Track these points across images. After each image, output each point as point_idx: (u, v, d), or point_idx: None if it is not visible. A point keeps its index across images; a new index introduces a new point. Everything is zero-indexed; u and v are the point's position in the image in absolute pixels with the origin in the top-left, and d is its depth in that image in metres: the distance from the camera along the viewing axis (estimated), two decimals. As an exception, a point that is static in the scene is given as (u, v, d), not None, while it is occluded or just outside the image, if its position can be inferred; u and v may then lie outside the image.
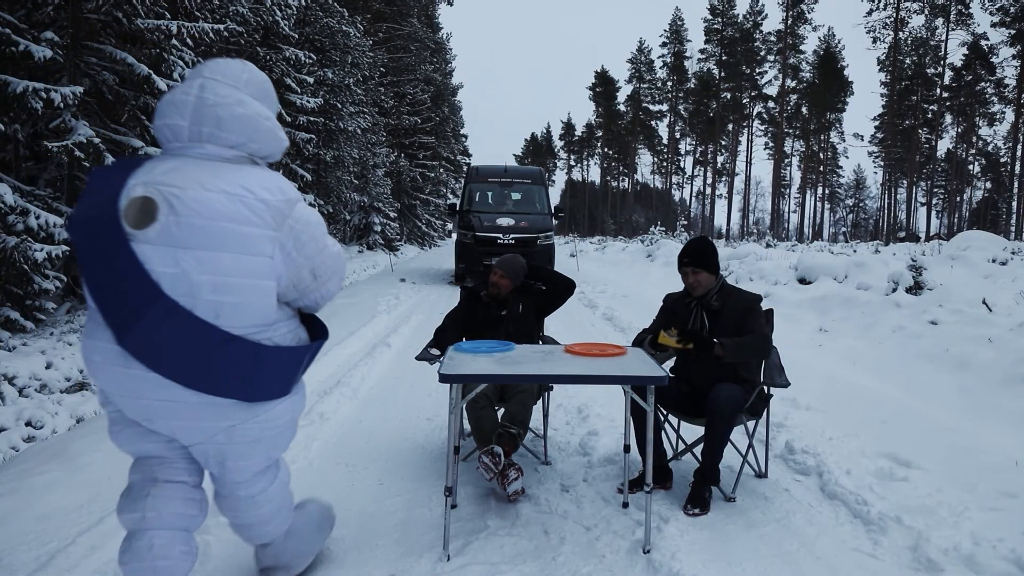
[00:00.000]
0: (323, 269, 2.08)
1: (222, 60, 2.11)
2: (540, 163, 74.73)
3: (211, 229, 1.86)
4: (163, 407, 1.95)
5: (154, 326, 1.83)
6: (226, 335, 1.90)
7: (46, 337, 6.73)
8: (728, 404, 3.15)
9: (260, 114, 2.06)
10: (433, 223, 34.11)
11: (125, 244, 1.83)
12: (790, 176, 69.14)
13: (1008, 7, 44.89)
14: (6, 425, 5.02)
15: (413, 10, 28.98)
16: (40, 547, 2.70)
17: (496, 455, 3.12)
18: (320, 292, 2.13)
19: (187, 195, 1.87)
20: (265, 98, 2.14)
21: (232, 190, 1.91)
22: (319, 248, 2.05)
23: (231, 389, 1.97)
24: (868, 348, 6.67)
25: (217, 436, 2.03)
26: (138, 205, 1.86)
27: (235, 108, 1.99)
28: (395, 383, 5.65)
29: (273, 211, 1.95)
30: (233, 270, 1.90)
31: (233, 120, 1.98)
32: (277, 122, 2.15)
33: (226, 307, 1.90)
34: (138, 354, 1.87)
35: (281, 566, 2.47)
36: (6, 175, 7.15)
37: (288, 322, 2.11)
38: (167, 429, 2.02)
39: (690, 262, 3.43)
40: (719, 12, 60.89)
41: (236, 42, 11.68)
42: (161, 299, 1.83)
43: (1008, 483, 3.36)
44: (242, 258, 1.91)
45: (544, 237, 13.23)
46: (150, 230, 1.84)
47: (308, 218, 2.03)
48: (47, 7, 7.60)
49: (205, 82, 2.00)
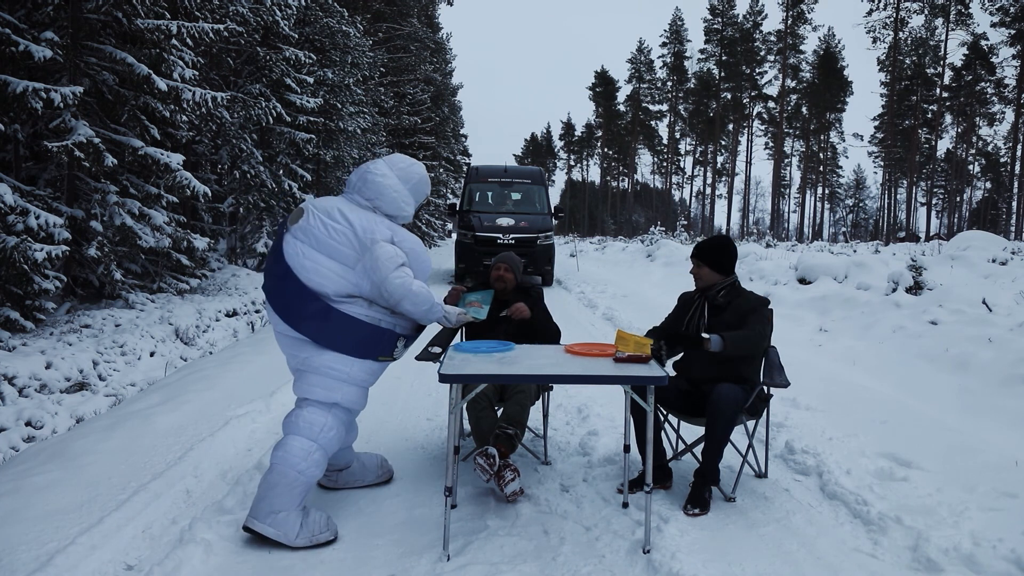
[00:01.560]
0: (388, 290, 2.90)
1: (399, 155, 3.23)
2: (540, 163, 74.71)
3: (318, 236, 2.93)
4: (279, 337, 3.07)
5: (278, 279, 2.95)
6: (313, 294, 2.90)
7: (46, 337, 6.72)
8: (728, 404, 3.15)
9: (392, 186, 3.09)
10: (433, 223, 34.10)
11: (281, 230, 3.05)
12: (790, 176, 69.19)
13: (1008, 7, 44.89)
14: (6, 425, 5.02)
15: (413, 10, 28.97)
16: (40, 547, 2.70)
17: (491, 456, 3.12)
18: (389, 301, 2.96)
19: (319, 213, 2.97)
20: (406, 180, 3.15)
21: (343, 220, 2.95)
22: (383, 277, 2.90)
23: (309, 331, 2.93)
24: (868, 348, 6.67)
25: (296, 362, 3.04)
26: (298, 210, 3.05)
27: (378, 178, 3.08)
28: (395, 383, 5.65)
29: (359, 241, 2.93)
30: (322, 263, 2.91)
31: (374, 184, 3.07)
32: (406, 194, 3.14)
33: (315, 282, 2.90)
34: (268, 296, 3.02)
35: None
36: (6, 175, 7.15)
37: (363, 304, 2.96)
38: (283, 353, 3.12)
39: (696, 255, 3.53)
40: (719, 12, 60.86)
41: (236, 42, 11.68)
42: (281, 263, 2.93)
43: (1008, 483, 3.36)
44: (328, 259, 2.92)
45: (544, 237, 13.23)
46: (296, 226, 2.97)
47: (379, 255, 2.90)
48: (47, 7, 7.59)
49: (380, 160, 3.17)
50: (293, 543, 2.76)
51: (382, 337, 3.01)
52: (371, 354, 3.02)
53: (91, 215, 7.94)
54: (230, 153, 12.61)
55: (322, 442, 2.94)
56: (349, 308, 2.93)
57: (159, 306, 8.69)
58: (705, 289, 3.49)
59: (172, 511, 3.10)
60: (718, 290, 3.45)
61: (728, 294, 3.44)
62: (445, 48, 40.15)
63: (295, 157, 14.54)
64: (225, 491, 3.29)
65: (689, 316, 3.49)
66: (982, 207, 63.18)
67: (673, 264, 16.02)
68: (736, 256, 3.49)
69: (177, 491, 3.29)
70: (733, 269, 3.50)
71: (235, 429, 4.22)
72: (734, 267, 3.50)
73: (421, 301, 2.97)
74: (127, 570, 2.61)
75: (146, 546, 2.78)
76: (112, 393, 6.02)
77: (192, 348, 7.91)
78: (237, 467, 3.63)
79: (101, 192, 8.07)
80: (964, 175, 60.02)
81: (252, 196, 12.90)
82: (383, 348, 3.03)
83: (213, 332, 8.64)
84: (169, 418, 4.47)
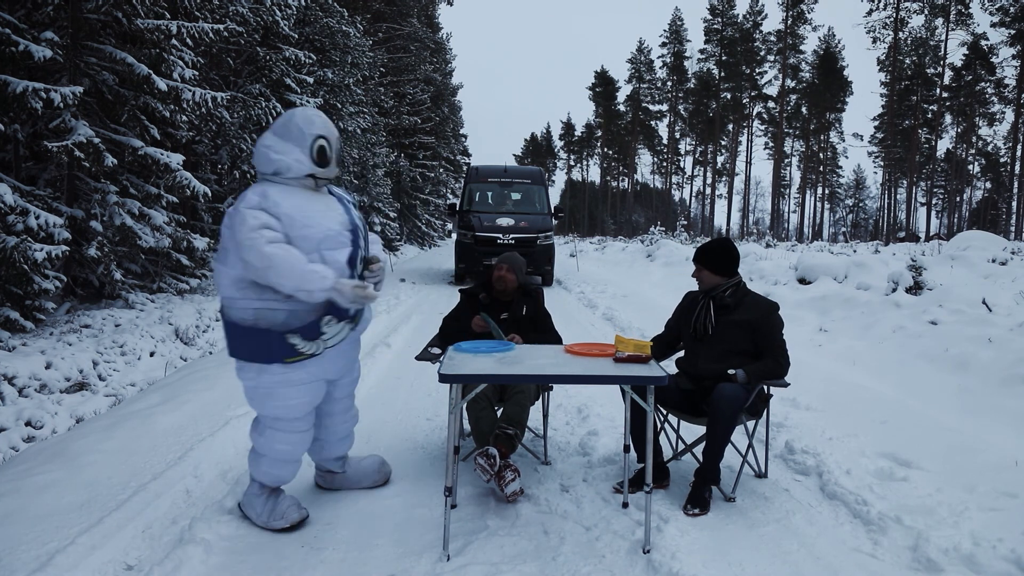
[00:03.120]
0: (245, 259, 2.59)
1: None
2: (540, 163, 74.68)
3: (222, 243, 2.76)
4: None
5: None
6: (222, 308, 2.78)
7: (46, 337, 6.72)
8: (728, 404, 3.15)
9: (262, 142, 2.80)
10: (433, 223, 34.09)
11: None
12: (790, 176, 69.18)
13: (1008, 7, 44.89)
14: (6, 425, 5.02)
15: (413, 10, 28.97)
16: (40, 547, 2.70)
17: (491, 457, 3.12)
18: (257, 276, 2.61)
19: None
20: (277, 129, 2.83)
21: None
22: (237, 243, 2.61)
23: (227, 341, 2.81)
24: (868, 348, 6.67)
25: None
26: None
27: (258, 145, 2.83)
28: (395, 383, 5.65)
29: (229, 220, 2.70)
30: (217, 268, 2.77)
31: (254, 153, 2.83)
32: (278, 141, 2.79)
33: (219, 287, 2.74)
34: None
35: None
36: (6, 175, 7.15)
37: (251, 297, 2.67)
38: None
39: (696, 258, 3.55)
40: (719, 12, 60.86)
41: (236, 42, 11.68)
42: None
43: (1008, 483, 3.35)
44: (219, 264, 2.75)
45: (544, 237, 13.23)
46: None
47: (235, 222, 2.63)
48: (47, 7, 7.59)
49: None
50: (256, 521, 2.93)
51: (267, 336, 2.67)
52: (268, 357, 2.73)
53: (91, 215, 7.94)
54: (230, 153, 12.61)
55: (273, 455, 2.92)
56: (238, 306, 2.69)
57: (159, 306, 8.69)
58: (709, 290, 3.51)
59: (172, 511, 3.10)
60: (723, 290, 3.47)
61: (735, 294, 3.45)
62: (445, 48, 40.15)
63: (295, 157, 14.52)
64: (225, 491, 3.29)
65: (696, 315, 3.50)
66: (982, 207, 63.16)
67: (673, 264, 16.02)
68: (737, 257, 3.49)
69: (177, 491, 3.29)
70: (736, 270, 3.50)
71: (235, 429, 4.21)
72: (736, 268, 3.50)
73: (286, 270, 2.53)
74: (127, 570, 2.61)
75: (146, 546, 2.78)
76: (112, 393, 6.02)
77: (192, 348, 7.91)
78: (237, 467, 3.63)
79: (101, 192, 8.07)
80: (964, 175, 60.01)
81: (252, 196, 12.88)
82: (278, 347, 2.69)
83: (213, 332, 8.64)
84: (169, 418, 4.46)
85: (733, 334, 3.36)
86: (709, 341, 3.41)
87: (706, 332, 3.41)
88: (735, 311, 3.40)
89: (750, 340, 3.35)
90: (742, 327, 3.34)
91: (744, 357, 3.33)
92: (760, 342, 3.35)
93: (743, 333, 3.35)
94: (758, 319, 3.36)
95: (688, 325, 3.53)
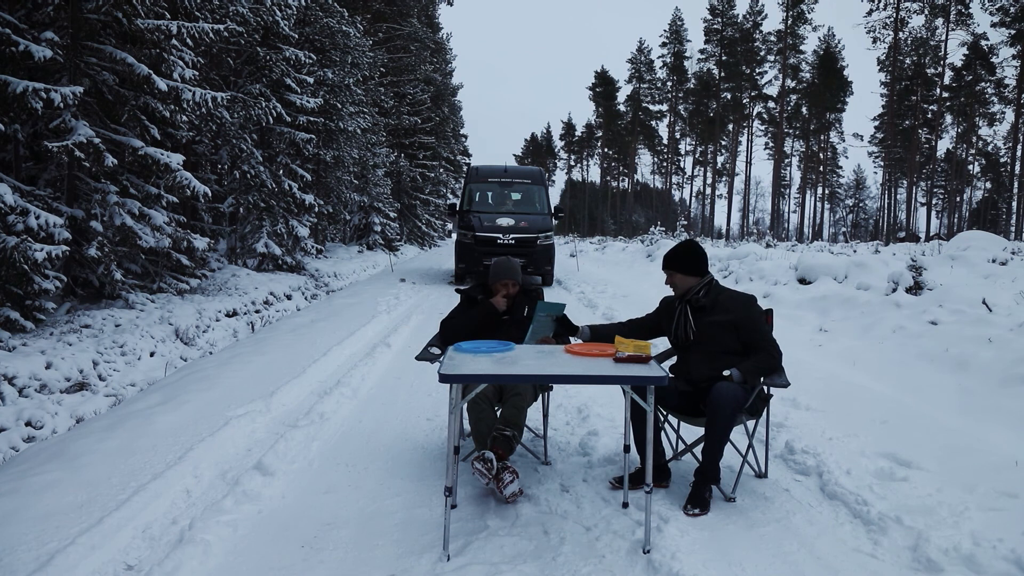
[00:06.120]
0: None
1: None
2: (540, 163, 74.68)
3: None
4: None
5: None
6: None
7: (46, 337, 6.72)
8: (727, 402, 3.15)
9: None
10: (433, 223, 34.10)
11: None
12: (790, 176, 69.15)
13: (1008, 7, 44.83)
14: (6, 425, 5.02)
15: (413, 10, 28.97)
16: (40, 547, 2.70)
17: (488, 460, 3.11)
18: None
19: None
20: None
21: None
22: None
23: None
24: (868, 348, 6.66)
25: None
26: None
27: None
28: (395, 383, 5.65)
29: None
30: None
31: None
32: None
33: None
34: None
35: None
36: (6, 175, 7.15)
37: None
38: None
39: (665, 265, 3.58)
40: (719, 12, 60.84)
41: (236, 42, 11.68)
42: None
43: (1008, 483, 3.35)
44: None
45: (544, 237, 13.23)
46: None
47: None
48: (47, 7, 7.60)
49: None
50: None
51: None
52: None
53: (91, 215, 7.94)
54: (230, 153, 12.62)
55: None
56: None
57: (159, 306, 8.69)
58: (684, 294, 3.51)
59: (172, 511, 3.10)
60: (697, 291, 3.47)
61: (708, 293, 3.46)
62: (445, 48, 40.17)
63: (295, 157, 14.55)
64: (225, 491, 3.29)
65: (675, 324, 3.50)
66: (982, 207, 63.14)
67: (673, 264, 15.97)
68: (704, 256, 3.50)
69: (177, 491, 3.29)
70: (706, 269, 3.52)
71: (235, 429, 4.21)
72: (706, 267, 3.52)
73: None
74: (127, 570, 2.61)
75: (146, 546, 2.78)
76: (112, 393, 6.02)
77: (192, 348, 7.91)
78: (237, 467, 3.63)
79: (101, 192, 8.07)
80: (964, 175, 60.00)
81: (252, 196, 12.91)
82: None
83: (213, 332, 8.64)
84: (169, 418, 4.46)
85: (717, 336, 3.36)
86: (694, 347, 3.42)
87: (688, 338, 3.42)
88: (713, 311, 3.40)
89: (735, 339, 3.36)
90: (724, 328, 3.35)
91: (733, 356, 3.34)
92: (745, 338, 3.35)
93: (727, 334, 3.35)
94: (739, 317, 3.36)
95: (671, 334, 3.55)
